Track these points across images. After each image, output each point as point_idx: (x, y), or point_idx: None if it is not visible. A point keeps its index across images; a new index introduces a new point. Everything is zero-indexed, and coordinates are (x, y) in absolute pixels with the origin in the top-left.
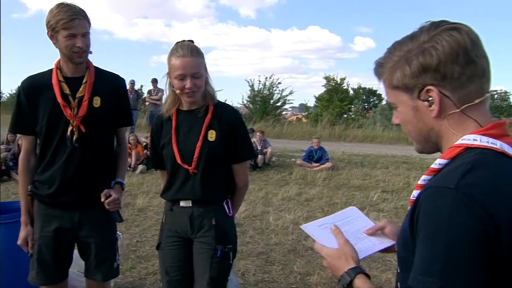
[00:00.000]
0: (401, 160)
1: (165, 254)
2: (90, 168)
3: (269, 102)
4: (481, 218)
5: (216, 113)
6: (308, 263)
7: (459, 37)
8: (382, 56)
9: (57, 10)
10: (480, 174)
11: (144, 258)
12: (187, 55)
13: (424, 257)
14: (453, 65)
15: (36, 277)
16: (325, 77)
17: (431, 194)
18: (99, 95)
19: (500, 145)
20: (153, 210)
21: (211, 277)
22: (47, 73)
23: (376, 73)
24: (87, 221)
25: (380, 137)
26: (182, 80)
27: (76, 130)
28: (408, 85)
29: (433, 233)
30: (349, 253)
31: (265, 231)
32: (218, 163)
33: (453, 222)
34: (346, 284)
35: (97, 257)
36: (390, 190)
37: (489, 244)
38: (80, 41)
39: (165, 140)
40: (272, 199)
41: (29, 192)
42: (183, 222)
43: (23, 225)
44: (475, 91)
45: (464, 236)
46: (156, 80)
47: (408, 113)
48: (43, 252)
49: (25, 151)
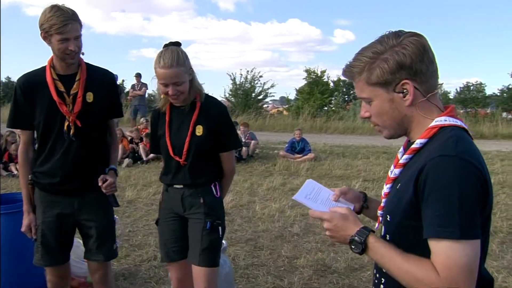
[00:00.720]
0: (381, 150)
1: (163, 229)
2: (87, 158)
3: (251, 95)
4: (478, 176)
5: (203, 108)
6: (295, 247)
7: (421, 41)
8: (352, 60)
9: (50, 14)
10: (465, 143)
11: (137, 246)
12: (167, 67)
13: (441, 212)
14: (421, 64)
15: (41, 259)
16: (306, 70)
17: (438, 162)
18: (92, 90)
19: (460, 123)
20: (142, 202)
21: (202, 248)
22: (41, 71)
23: (347, 74)
24: (86, 206)
25: (360, 129)
26: (166, 87)
27: (73, 125)
28: (387, 80)
29: (446, 191)
30: (355, 216)
31: (252, 219)
32: (206, 154)
33: (461, 180)
34: (363, 239)
35: (98, 239)
36: (371, 179)
37: (485, 194)
38: (73, 45)
39: (160, 132)
40: (258, 189)
41: (30, 181)
42: (176, 201)
43: (26, 213)
44: (434, 84)
45: (471, 190)
46: (140, 74)
47: (384, 105)
48: (46, 236)
49: (24, 144)
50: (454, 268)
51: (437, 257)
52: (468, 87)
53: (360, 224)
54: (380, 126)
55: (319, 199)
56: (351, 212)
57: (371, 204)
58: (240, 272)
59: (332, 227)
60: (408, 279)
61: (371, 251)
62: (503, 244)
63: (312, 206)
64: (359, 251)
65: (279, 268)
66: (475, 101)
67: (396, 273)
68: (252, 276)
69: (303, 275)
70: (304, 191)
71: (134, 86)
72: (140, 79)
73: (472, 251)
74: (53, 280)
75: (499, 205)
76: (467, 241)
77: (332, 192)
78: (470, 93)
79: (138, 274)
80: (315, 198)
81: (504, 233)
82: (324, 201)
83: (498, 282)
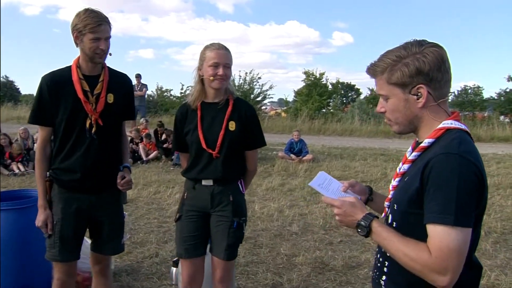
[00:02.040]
0: (379, 152)
1: (185, 225)
2: (106, 156)
3: (249, 96)
4: (475, 173)
5: (236, 106)
6: (293, 245)
7: (441, 52)
8: (377, 59)
9: (85, 15)
10: (467, 145)
11: (139, 244)
12: (222, 49)
13: (440, 201)
14: (437, 72)
15: (58, 255)
16: (305, 72)
17: (441, 158)
18: (112, 92)
19: (464, 127)
20: (143, 201)
21: (228, 244)
22: (66, 70)
23: (370, 72)
24: (102, 202)
25: (358, 131)
26: (216, 68)
27: (95, 123)
28: (405, 82)
29: (447, 183)
30: (362, 205)
31: (252, 218)
32: (236, 149)
33: (460, 174)
34: (368, 223)
35: (109, 234)
36: (369, 180)
37: (481, 191)
38: (103, 44)
39: (190, 127)
40: (257, 189)
41: (49, 178)
42: (205, 198)
43: (42, 209)
44: (446, 92)
45: (468, 184)
46: (140, 75)
47: (399, 104)
48: (65, 231)
49: (43, 140)
50: (445, 250)
51: (432, 240)
52: (466, 90)
53: (366, 211)
54: (392, 122)
55: (330, 189)
56: (358, 200)
57: (375, 198)
58: (240, 269)
59: (341, 212)
60: (404, 259)
61: (375, 234)
62: (497, 244)
63: (324, 193)
64: (364, 234)
65: (278, 266)
66: (473, 104)
67: (395, 254)
68: (252, 273)
69: (302, 272)
70: (317, 180)
71: (134, 86)
72: (140, 80)
73: (463, 237)
74: (62, 278)
75: (494, 206)
76: (460, 228)
77: (342, 184)
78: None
79: (141, 270)
80: (326, 188)
81: (498, 233)
82: (334, 191)
83: (491, 280)
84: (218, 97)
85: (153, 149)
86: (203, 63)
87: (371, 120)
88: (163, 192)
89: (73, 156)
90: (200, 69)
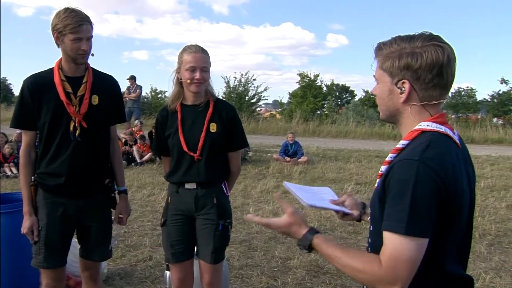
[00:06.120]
0: (374, 154)
1: (170, 230)
2: (92, 160)
3: (244, 98)
4: (435, 181)
5: (217, 108)
6: (288, 248)
7: (440, 55)
8: (387, 41)
9: (64, 15)
10: (434, 150)
11: (133, 247)
12: (198, 52)
13: (395, 208)
14: (427, 73)
15: (44, 261)
16: (299, 74)
17: (401, 164)
18: (97, 93)
19: (444, 129)
20: (137, 203)
21: (214, 247)
22: (48, 72)
23: (375, 51)
24: (89, 208)
25: (353, 133)
26: (193, 72)
27: (78, 126)
28: (392, 73)
29: (402, 190)
30: (298, 220)
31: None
32: (218, 150)
33: (416, 183)
34: (308, 245)
35: (97, 239)
36: (363, 182)
37: (440, 199)
38: (85, 45)
39: (171, 130)
40: (251, 191)
41: (33, 183)
42: (189, 202)
43: (27, 215)
44: (434, 96)
45: (424, 193)
46: (134, 77)
47: (384, 91)
48: (51, 237)
49: (26, 145)
50: (397, 260)
51: (385, 248)
52: (459, 92)
53: (304, 227)
54: (379, 107)
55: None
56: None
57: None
58: (234, 272)
59: (280, 233)
60: (351, 272)
61: (318, 252)
62: (491, 246)
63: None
64: (307, 252)
65: (273, 269)
66: (466, 106)
67: (343, 270)
68: (247, 276)
69: (297, 276)
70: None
71: (129, 88)
72: (135, 82)
73: (416, 247)
74: (51, 284)
75: (488, 208)
76: (413, 238)
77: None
78: (462, 98)
79: (134, 273)
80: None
81: (492, 236)
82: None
83: (486, 282)
84: (198, 99)
85: (147, 151)
86: (180, 66)
87: (365, 122)
88: (157, 194)
89: (58, 159)
90: (178, 72)
